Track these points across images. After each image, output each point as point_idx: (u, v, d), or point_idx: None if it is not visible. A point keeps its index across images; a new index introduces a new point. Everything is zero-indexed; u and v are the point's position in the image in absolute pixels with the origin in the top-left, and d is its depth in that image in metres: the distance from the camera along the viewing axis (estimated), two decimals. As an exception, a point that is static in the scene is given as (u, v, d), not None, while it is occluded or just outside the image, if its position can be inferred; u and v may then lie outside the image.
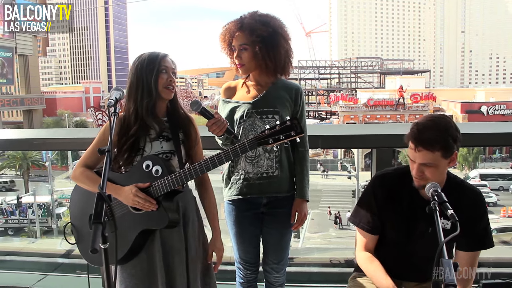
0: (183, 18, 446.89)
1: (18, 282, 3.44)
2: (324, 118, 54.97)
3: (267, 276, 2.38)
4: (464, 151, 35.76)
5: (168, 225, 1.91)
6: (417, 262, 1.96)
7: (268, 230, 2.30)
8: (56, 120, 53.93)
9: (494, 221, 23.36)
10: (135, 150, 1.98)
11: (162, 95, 1.99)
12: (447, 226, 1.87)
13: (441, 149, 1.79)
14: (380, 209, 1.99)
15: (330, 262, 3.58)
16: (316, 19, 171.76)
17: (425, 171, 1.82)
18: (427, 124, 1.81)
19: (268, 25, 2.12)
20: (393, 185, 2.00)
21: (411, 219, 1.94)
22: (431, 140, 1.78)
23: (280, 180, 2.23)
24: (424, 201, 1.91)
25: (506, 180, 31.90)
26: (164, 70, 1.98)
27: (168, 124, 2.04)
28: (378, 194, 2.01)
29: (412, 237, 1.94)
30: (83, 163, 2.04)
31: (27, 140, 3.50)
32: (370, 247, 2.02)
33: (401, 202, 1.96)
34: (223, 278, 3.06)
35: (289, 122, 1.76)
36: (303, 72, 67.26)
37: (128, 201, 1.89)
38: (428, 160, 1.80)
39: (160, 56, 1.99)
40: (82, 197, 2.06)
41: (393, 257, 2.00)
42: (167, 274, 1.96)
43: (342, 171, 36.78)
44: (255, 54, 2.13)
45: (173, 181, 1.88)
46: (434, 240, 1.87)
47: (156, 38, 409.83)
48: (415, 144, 1.79)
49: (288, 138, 1.76)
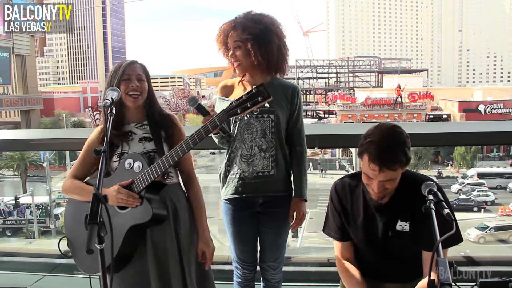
0: (180, 17, 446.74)
1: (15, 282, 3.43)
2: (322, 117, 54.99)
3: (264, 274, 2.38)
4: (461, 150, 35.87)
5: (153, 218, 1.89)
6: (390, 264, 1.94)
7: (265, 230, 2.30)
8: (54, 120, 53.80)
9: (492, 220, 23.44)
10: (118, 153, 2.00)
11: (125, 102, 2.01)
12: (406, 228, 1.85)
13: (404, 163, 1.77)
14: (340, 215, 2.00)
15: (328, 261, 3.57)
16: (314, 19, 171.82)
17: (386, 185, 1.79)
18: (384, 143, 1.74)
19: (259, 23, 2.14)
20: (348, 191, 2.00)
21: (368, 223, 1.93)
22: (395, 159, 1.74)
23: (276, 179, 2.23)
24: (378, 205, 1.90)
25: (504, 179, 31.95)
26: (127, 78, 1.99)
27: (149, 126, 2.05)
28: (335, 202, 2.02)
29: (377, 239, 1.93)
30: (72, 175, 2.06)
31: (24, 141, 3.49)
32: (347, 255, 2.01)
33: (357, 207, 1.96)
34: (221, 278, 3.06)
35: (254, 90, 1.74)
36: (301, 71, 67.32)
37: (112, 201, 1.89)
38: (390, 176, 1.77)
39: (125, 64, 2.01)
40: (76, 210, 2.06)
41: (368, 261, 2.00)
42: (161, 276, 1.96)
43: (340, 170, 36.82)
44: (247, 52, 2.15)
45: (152, 172, 1.88)
46: (397, 242, 1.88)
47: (153, 38, 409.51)
48: (379, 165, 1.73)
49: (255, 104, 1.75)
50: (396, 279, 1.97)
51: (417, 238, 1.84)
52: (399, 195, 1.86)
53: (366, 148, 1.76)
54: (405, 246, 1.87)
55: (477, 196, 28.10)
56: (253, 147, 2.19)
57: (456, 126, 5.77)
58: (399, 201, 1.86)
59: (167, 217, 1.98)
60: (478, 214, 26.00)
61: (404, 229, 1.86)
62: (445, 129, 3.62)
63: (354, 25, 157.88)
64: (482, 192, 28.90)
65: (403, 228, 1.86)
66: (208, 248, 2.08)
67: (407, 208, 1.85)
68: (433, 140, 3.68)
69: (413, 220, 1.86)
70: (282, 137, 2.24)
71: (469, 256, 3.55)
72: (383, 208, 1.90)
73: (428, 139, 3.49)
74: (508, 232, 21.54)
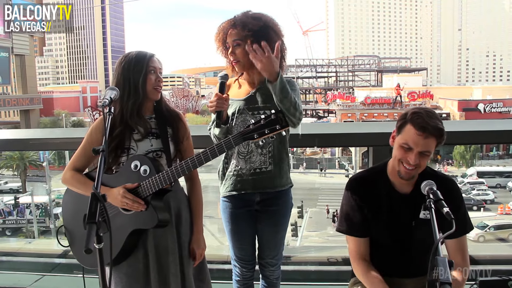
0: (179, 16, 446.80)
1: (15, 282, 3.43)
2: (322, 116, 55.00)
3: (263, 270, 2.40)
4: (461, 149, 35.89)
5: (158, 225, 1.90)
6: (411, 256, 1.96)
7: (262, 227, 2.31)
8: (53, 120, 53.78)
9: (491, 219, 23.47)
10: (121, 150, 1.98)
11: (150, 96, 2.00)
12: (428, 216, 1.85)
13: (442, 137, 1.84)
14: (361, 210, 1.99)
15: (328, 260, 3.57)
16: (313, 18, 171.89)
17: (421, 160, 1.84)
18: (429, 113, 1.84)
19: (259, 20, 2.14)
20: (368, 184, 2.01)
21: (392, 214, 1.95)
22: (438, 128, 1.82)
23: (274, 175, 2.24)
24: (401, 195, 1.94)
25: (503, 178, 31.99)
26: (153, 70, 1.98)
27: (156, 121, 2.04)
28: (354, 197, 2.01)
29: (398, 232, 1.95)
30: (72, 166, 2.04)
31: (23, 140, 3.48)
32: (364, 253, 2.00)
33: (379, 199, 1.97)
34: (220, 277, 3.06)
35: (274, 116, 1.74)
36: (301, 70, 67.30)
37: (116, 203, 1.89)
38: (429, 148, 1.83)
39: (148, 56, 1.98)
40: (74, 200, 2.06)
41: (387, 256, 2.00)
42: (160, 274, 1.96)
43: (340, 169, 36.86)
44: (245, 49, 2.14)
45: (161, 180, 1.88)
46: (421, 231, 1.89)
47: (152, 37, 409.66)
48: (424, 132, 1.80)
49: (273, 132, 1.75)
50: (415, 273, 1.97)
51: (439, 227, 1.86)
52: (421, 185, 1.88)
53: (411, 118, 1.84)
54: (429, 234, 1.87)
55: (476, 195, 28.14)
56: (249, 143, 2.19)
57: (455, 125, 5.77)
58: (421, 191, 1.86)
59: (169, 219, 1.98)
60: (478, 213, 26.02)
61: (427, 217, 1.85)
62: (445, 128, 3.61)
63: (354, 24, 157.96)
64: (481, 191, 28.94)
65: (426, 216, 1.86)
66: (199, 249, 2.09)
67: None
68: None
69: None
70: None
71: (469, 255, 3.54)
72: (406, 198, 1.93)
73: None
74: (507, 231, 21.58)
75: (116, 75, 1.99)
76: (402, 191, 1.93)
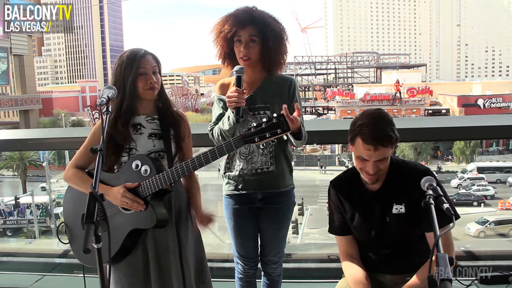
0: (178, 15, 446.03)
1: (15, 283, 3.43)
2: (321, 113, 54.99)
3: (265, 268, 2.40)
4: (461, 145, 35.92)
5: (157, 225, 1.90)
6: (389, 252, 1.98)
7: (264, 225, 2.31)
8: (53, 120, 53.73)
9: (491, 214, 23.50)
10: (120, 150, 1.98)
11: (143, 96, 1.99)
12: (401, 210, 1.91)
13: (394, 141, 1.84)
14: (339, 211, 2.05)
15: (328, 257, 3.57)
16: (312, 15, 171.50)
17: (379, 165, 1.86)
18: (375, 122, 1.83)
19: (278, 22, 2.17)
20: (343, 185, 2.06)
21: (366, 211, 1.98)
22: (387, 137, 1.81)
23: (276, 175, 2.24)
24: (372, 193, 1.97)
25: (503, 173, 32.04)
26: (143, 72, 1.95)
27: (159, 122, 2.03)
28: (332, 197, 2.08)
29: (373, 228, 1.98)
30: (74, 164, 2.04)
31: (22, 141, 3.48)
32: (351, 251, 2.05)
33: (353, 199, 2.02)
34: (222, 275, 3.06)
35: (275, 120, 1.74)
36: (300, 68, 67.30)
37: (116, 202, 1.89)
38: (384, 155, 1.84)
39: (139, 56, 1.95)
40: (75, 197, 2.06)
41: (369, 253, 2.03)
42: (161, 273, 1.96)
43: (340, 166, 36.88)
44: (263, 48, 2.14)
45: (161, 180, 1.88)
46: (395, 226, 1.93)
47: (151, 35, 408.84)
48: (373, 144, 1.79)
49: (274, 136, 1.75)
50: (397, 270, 1.99)
51: (414, 220, 1.89)
52: (391, 180, 1.93)
53: (358, 131, 1.83)
54: (403, 229, 1.92)
55: (476, 191, 28.18)
56: (251, 144, 2.18)
57: (455, 120, 5.76)
58: (392, 186, 1.93)
59: (168, 219, 1.98)
60: (478, 208, 26.09)
61: (400, 211, 1.91)
62: (444, 124, 3.61)
63: (352, 21, 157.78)
64: (481, 187, 28.99)
65: (399, 211, 1.91)
66: (203, 222, 2.08)
67: (400, 191, 1.92)
68: (433, 135, 3.68)
69: (408, 202, 1.91)
70: None
71: (469, 251, 3.54)
72: (377, 195, 1.96)
73: (427, 134, 3.49)
74: (508, 226, 21.63)
75: (111, 77, 2.00)
76: (371, 189, 1.97)
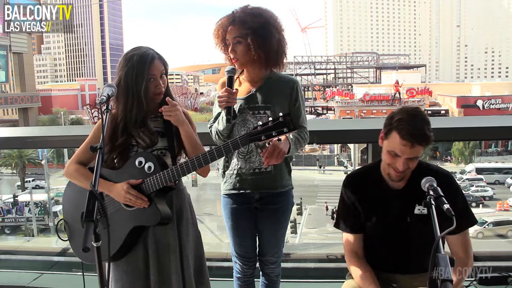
0: (178, 14, 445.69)
1: (14, 281, 3.42)
2: (321, 113, 54.94)
3: (263, 268, 2.39)
4: (460, 145, 35.93)
5: (160, 222, 1.90)
6: (405, 253, 1.96)
7: (263, 225, 2.31)
8: (52, 118, 53.69)
9: (490, 215, 23.51)
10: (128, 148, 1.97)
11: (151, 100, 1.98)
12: (424, 212, 1.88)
13: (430, 141, 1.82)
14: (354, 207, 2.01)
15: (327, 257, 3.58)
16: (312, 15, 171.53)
17: (409, 163, 1.84)
18: (414, 119, 1.81)
19: (259, 16, 2.12)
20: (362, 181, 2.03)
21: (385, 210, 1.95)
22: (425, 135, 1.80)
23: (273, 176, 2.23)
24: (393, 191, 1.94)
25: (502, 174, 32.05)
26: (152, 78, 1.95)
27: (163, 120, 2.02)
28: (348, 193, 2.03)
29: (392, 227, 1.95)
30: (76, 160, 2.03)
31: (21, 138, 3.47)
32: (356, 248, 2.02)
33: (372, 196, 1.98)
34: (220, 274, 3.06)
35: (281, 118, 1.74)
36: (299, 67, 67.30)
37: (119, 198, 1.89)
38: (416, 154, 1.82)
39: (148, 63, 1.93)
40: (75, 194, 2.05)
41: (380, 252, 2.00)
42: (160, 272, 1.96)
43: (339, 166, 36.90)
44: (248, 47, 2.12)
45: (165, 177, 1.87)
46: (416, 227, 1.89)
47: (151, 34, 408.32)
48: (411, 141, 1.78)
49: (280, 134, 1.75)
50: (408, 270, 1.98)
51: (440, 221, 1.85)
52: (415, 180, 1.87)
53: (396, 126, 1.82)
54: (425, 230, 1.85)
55: (475, 192, 28.19)
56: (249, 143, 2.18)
57: (454, 121, 5.76)
58: (415, 186, 1.86)
59: (171, 217, 1.97)
60: (477, 209, 26.06)
61: (422, 212, 1.88)
62: (444, 125, 3.61)
63: (352, 21, 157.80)
64: (480, 188, 28.99)
65: (421, 212, 1.88)
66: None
67: (423, 192, 1.85)
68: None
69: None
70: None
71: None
72: (399, 194, 1.93)
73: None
74: (506, 227, 21.63)
75: (118, 77, 1.95)
76: (394, 187, 1.94)
